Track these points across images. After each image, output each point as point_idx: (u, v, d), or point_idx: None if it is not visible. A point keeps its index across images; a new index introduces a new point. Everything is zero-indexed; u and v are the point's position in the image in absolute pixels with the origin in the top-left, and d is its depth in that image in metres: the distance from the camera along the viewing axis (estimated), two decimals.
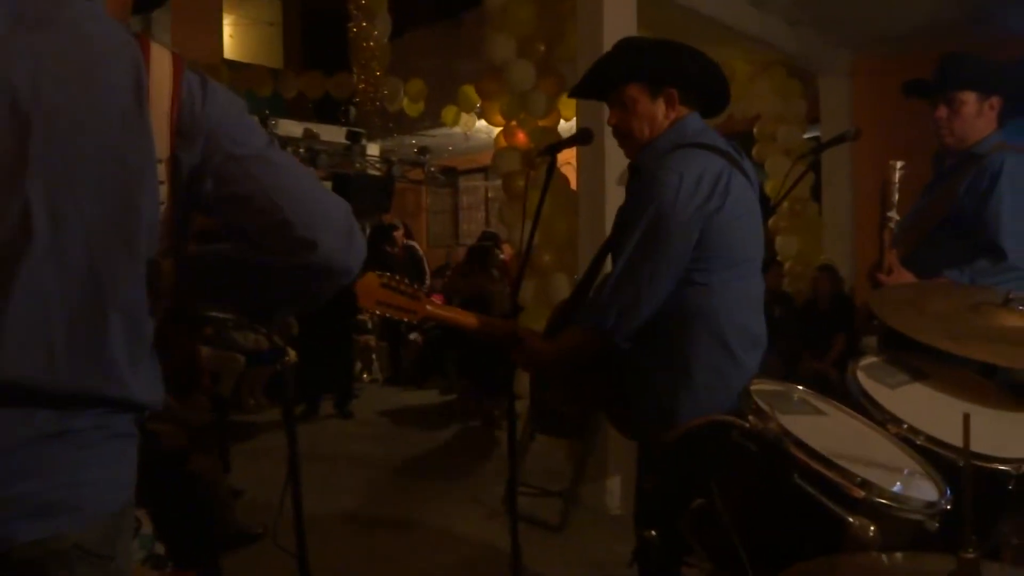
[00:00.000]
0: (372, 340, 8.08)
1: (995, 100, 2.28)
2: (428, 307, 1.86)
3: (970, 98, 2.27)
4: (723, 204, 1.75)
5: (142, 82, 0.99)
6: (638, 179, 1.91)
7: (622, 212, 1.94)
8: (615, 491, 3.90)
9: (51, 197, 0.93)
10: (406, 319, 1.83)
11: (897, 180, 2.09)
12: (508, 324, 1.97)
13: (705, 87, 1.94)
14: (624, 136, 1.95)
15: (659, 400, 1.83)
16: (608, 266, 1.94)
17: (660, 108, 1.88)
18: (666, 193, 1.74)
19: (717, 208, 1.75)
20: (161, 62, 1.02)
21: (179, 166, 1.02)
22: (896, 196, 2.11)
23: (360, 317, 7.04)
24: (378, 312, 1.82)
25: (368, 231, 9.84)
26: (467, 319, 1.93)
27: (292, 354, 2.76)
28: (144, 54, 1.01)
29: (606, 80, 1.96)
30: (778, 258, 6.82)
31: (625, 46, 1.98)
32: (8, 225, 0.91)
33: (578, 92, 2.09)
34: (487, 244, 7.24)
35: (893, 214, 2.12)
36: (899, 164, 2.10)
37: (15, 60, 0.93)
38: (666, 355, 1.83)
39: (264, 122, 7.85)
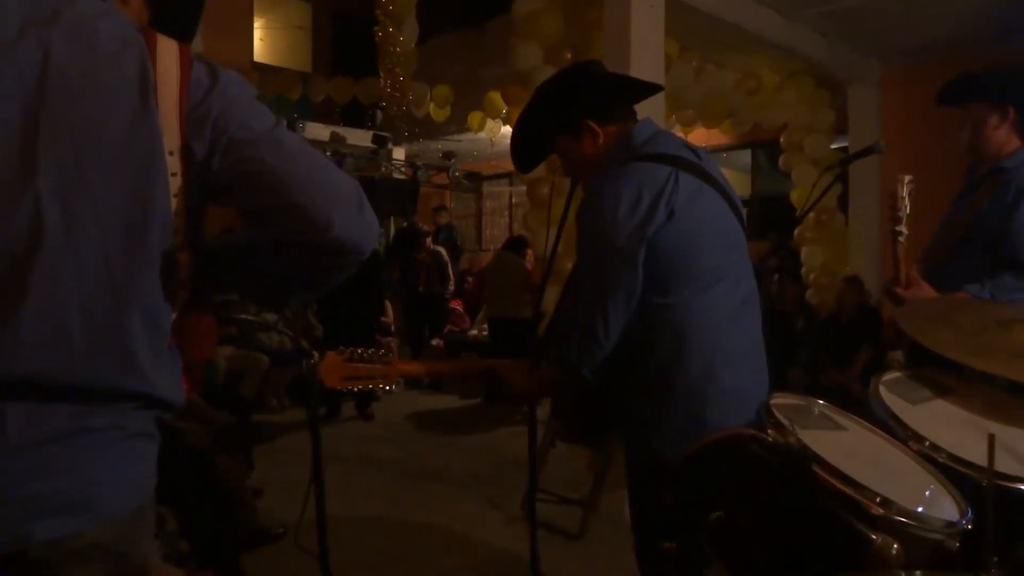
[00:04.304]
0: (395, 343, 8.12)
1: (1009, 111, 2.23)
2: (402, 367, 1.81)
3: (977, 109, 2.26)
4: (671, 216, 1.66)
5: (148, 75, 0.99)
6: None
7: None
8: None
9: (62, 193, 0.93)
10: (381, 386, 1.81)
11: (906, 194, 2.07)
12: (487, 364, 1.96)
13: (617, 97, 1.92)
14: (579, 177, 1.96)
15: (641, 432, 1.77)
16: None
17: (587, 142, 1.86)
18: (604, 218, 1.69)
19: (663, 223, 1.66)
20: (168, 54, 1.02)
21: (191, 156, 1.02)
22: (907, 210, 2.08)
23: (384, 320, 7.08)
24: (346, 388, 1.79)
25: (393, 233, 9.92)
26: (443, 368, 1.95)
27: (316, 356, 2.79)
28: (150, 47, 1.01)
29: (544, 142, 1.96)
30: (803, 269, 6.77)
31: (538, 99, 1.96)
32: (20, 223, 0.91)
33: (524, 167, 2.08)
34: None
35: (902, 228, 2.09)
36: (907, 178, 2.07)
37: (25, 57, 0.94)
38: (640, 385, 1.75)
39: (292, 125, 7.91)
